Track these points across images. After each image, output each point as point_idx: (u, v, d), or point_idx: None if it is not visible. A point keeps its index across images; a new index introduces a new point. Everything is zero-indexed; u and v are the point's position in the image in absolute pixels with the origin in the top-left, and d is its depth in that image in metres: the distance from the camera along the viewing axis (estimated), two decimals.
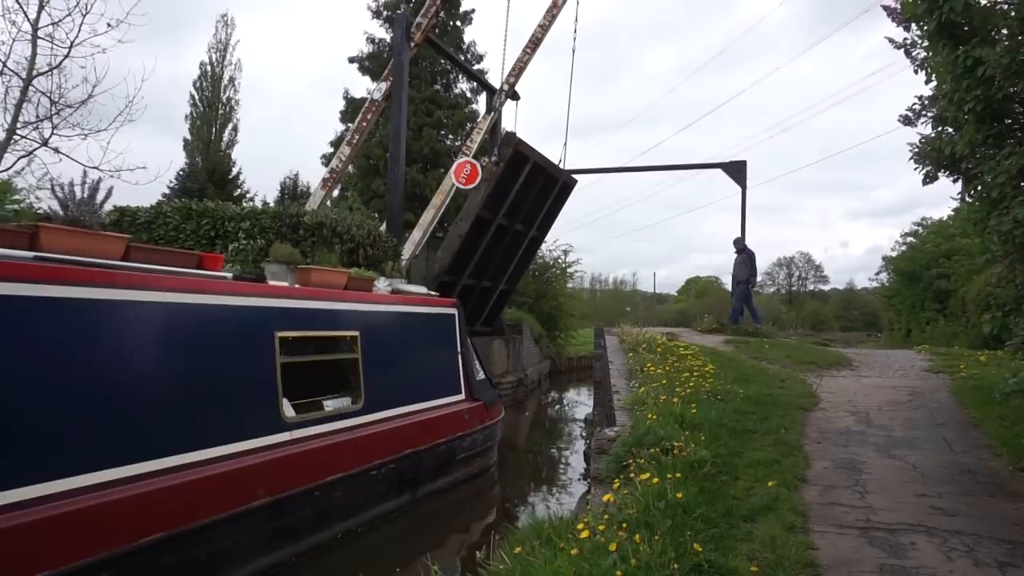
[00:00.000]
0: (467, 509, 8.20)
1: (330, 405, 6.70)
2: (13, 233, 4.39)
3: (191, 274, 5.45)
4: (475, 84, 25.21)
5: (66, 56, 9.62)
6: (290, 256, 7.07)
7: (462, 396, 8.99)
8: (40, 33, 9.54)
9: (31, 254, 4.27)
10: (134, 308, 4.75)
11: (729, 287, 19.51)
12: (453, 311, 9.34)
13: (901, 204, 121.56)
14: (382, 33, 27.26)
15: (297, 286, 6.76)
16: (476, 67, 25.74)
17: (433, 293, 9.76)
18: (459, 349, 9.23)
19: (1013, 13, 4.67)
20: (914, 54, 5.75)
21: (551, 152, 14.58)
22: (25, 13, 9.46)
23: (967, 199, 6.37)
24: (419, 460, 7.72)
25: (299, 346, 6.33)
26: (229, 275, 6.00)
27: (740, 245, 15.70)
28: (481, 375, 9.81)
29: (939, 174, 6.04)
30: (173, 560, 4.68)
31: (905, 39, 5.83)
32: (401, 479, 7.39)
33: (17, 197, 4.59)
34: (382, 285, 8.40)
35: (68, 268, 4.36)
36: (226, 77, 37.27)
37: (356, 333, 7.11)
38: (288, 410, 6.04)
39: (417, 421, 7.82)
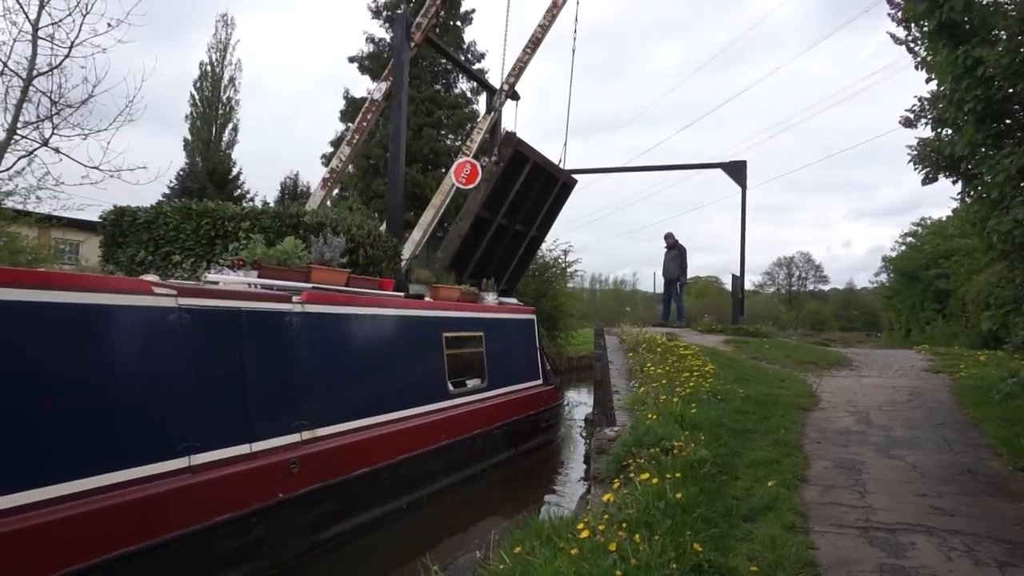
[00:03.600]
0: (468, 508, 8.22)
1: (469, 383, 9.32)
2: (299, 272, 6.87)
3: (386, 294, 8.01)
4: (475, 84, 25.21)
5: (66, 56, 9.63)
6: (428, 278, 10.13)
7: (540, 381, 11.72)
8: (40, 33, 9.56)
9: (310, 285, 6.71)
10: (363, 318, 7.25)
11: (729, 287, 19.47)
12: (532, 317, 12.19)
13: (904, 204, 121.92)
14: (382, 33, 27.28)
15: (433, 300, 9.40)
16: (476, 67, 25.73)
17: (520, 303, 12.45)
18: (537, 345, 12.02)
19: (1014, 13, 4.67)
20: (916, 49, 5.74)
21: (553, 151, 14.58)
22: (26, 13, 9.49)
23: (967, 199, 6.36)
24: (519, 425, 10.39)
25: (454, 342, 9.05)
26: (401, 293, 8.56)
27: (671, 240, 15.43)
28: (548, 366, 12.43)
29: (939, 175, 6.03)
30: (406, 475, 7.27)
31: (907, 36, 5.83)
32: (509, 437, 10.04)
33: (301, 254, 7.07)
34: (490, 298, 11.15)
35: (329, 293, 6.84)
36: (226, 77, 37.38)
37: (481, 333, 9.92)
38: (449, 386, 8.72)
39: (517, 397, 10.56)
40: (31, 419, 4.13)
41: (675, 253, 15.32)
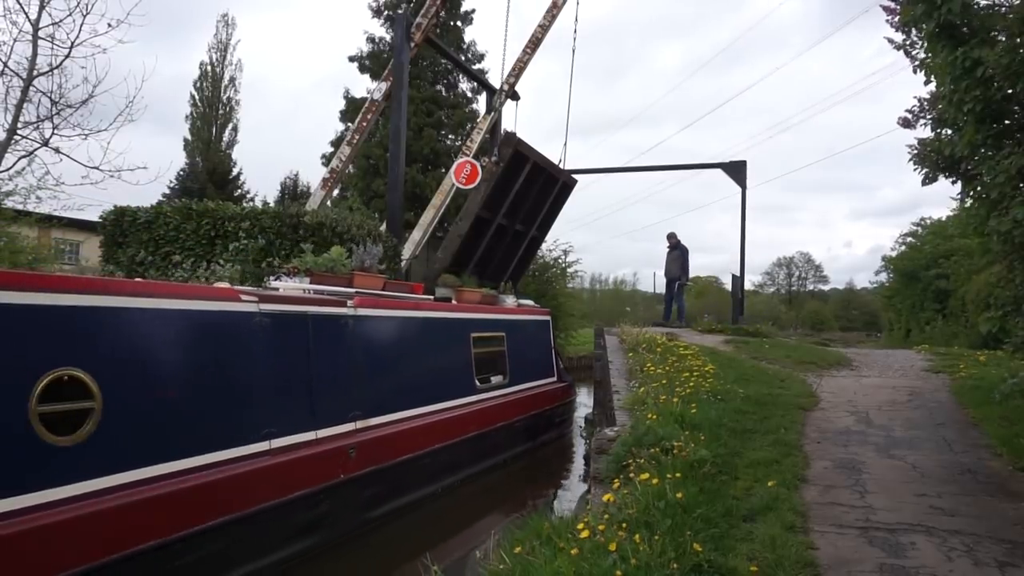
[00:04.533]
0: (468, 507, 8.23)
1: (493, 380, 10.00)
2: (343, 278, 7.48)
3: (420, 298, 8.74)
4: (475, 84, 25.19)
5: (67, 56, 9.63)
6: (453, 282, 10.87)
7: (555, 379, 12.42)
8: (41, 33, 9.55)
9: (353, 290, 7.34)
10: (405, 320, 8.03)
11: (729, 287, 19.46)
12: (548, 318, 12.92)
13: (905, 204, 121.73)
14: (382, 33, 27.28)
15: (456, 302, 10.09)
16: (476, 67, 25.73)
17: (536, 305, 13.05)
18: (552, 345, 12.78)
19: (1011, 16, 4.68)
20: (913, 54, 5.75)
21: (553, 151, 14.56)
22: (26, 13, 9.48)
23: (967, 200, 6.37)
24: (537, 419, 11.08)
25: (480, 341, 9.74)
26: (431, 297, 9.40)
27: (674, 241, 15.47)
28: (562, 364, 13.16)
29: (938, 175, 6.04)
30: (441, 461, 7.95)
31: (904, 40, 5.83)
32: (528, 430, 10.73)
33: (345, 261, 7.69)
34: (510, 301, 11.78)
35: (376, 298, 7.58)
36: (226, 77, 37.38)
37: (503, 333, 10.61)
38: (476, 382, 9.42)
39: (535, 393, 11.25)
40: (167, 408, 4.86)
41: (677, 254, 15.34)
